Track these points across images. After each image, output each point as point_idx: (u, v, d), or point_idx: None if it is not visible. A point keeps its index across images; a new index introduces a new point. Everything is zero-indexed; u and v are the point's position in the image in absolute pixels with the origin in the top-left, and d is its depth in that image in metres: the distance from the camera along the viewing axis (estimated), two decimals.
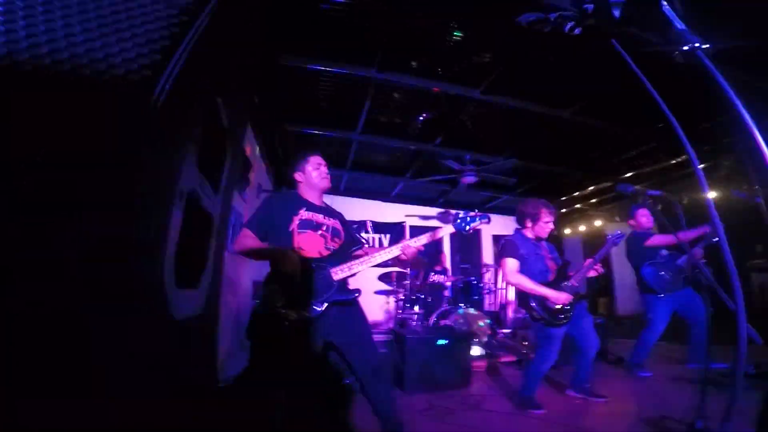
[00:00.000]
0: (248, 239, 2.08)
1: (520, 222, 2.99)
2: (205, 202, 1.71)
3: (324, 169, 2.24)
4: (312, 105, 4.20)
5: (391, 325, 5.64)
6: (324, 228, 2.17)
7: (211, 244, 1.88)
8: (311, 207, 2.21)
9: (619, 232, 2.88)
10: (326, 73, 3.57)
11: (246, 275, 4.57)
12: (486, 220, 2.09)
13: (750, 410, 2.28)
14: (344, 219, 2.36)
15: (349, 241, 2.23)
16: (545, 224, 2.88)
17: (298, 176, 2.25)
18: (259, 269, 5.53)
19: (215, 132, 1.89)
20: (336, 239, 2.19)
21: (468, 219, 2.06)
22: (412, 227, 7.40)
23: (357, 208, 6.70)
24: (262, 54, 3.08)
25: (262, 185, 5.04)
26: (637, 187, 2.48)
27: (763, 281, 6.31)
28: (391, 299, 5.57)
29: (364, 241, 2.35)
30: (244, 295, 4.46)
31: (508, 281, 2.84)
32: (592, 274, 2.79)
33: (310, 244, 2.08)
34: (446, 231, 2.11)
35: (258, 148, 4.54)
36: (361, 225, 6.41)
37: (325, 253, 2.09)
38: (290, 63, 3.42)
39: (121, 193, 0.92)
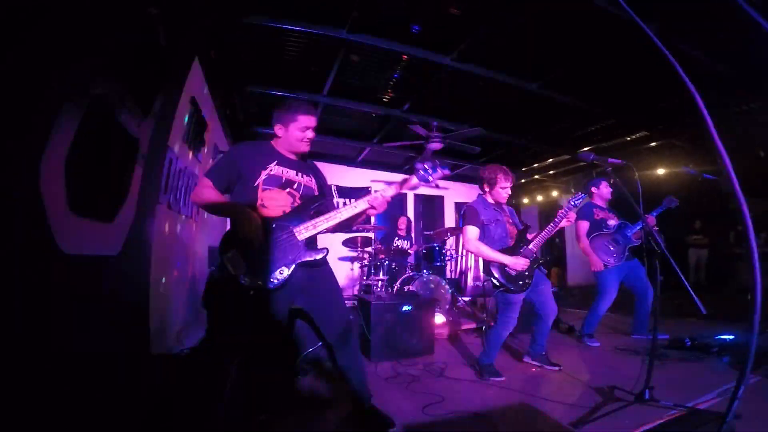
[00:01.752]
0: (207, 190, 1.87)
1: (481, 187, 3.00)
2: (126, 119, 1.42)
3: (310, 135, 1.99)
4: (276, 65, 3.90)
5: (355, 291, 5.67)
6: (294, 186, 1.98)
7: (134, 173, 1.60)
8: (284, 161, 1.99)
9: (580, 194, 2.89)
10: (293, 33, 3.29)
11: (201, 241, 4.35)
12: (447, 170, 1.99)
13: (688, 381, 2.53)
14: (320, 176, 2.17)
15: (321, 201, 2.04)
16: (502, 189, 2.89)
17: (277, 129, 2.00)
18: (215, 234, 5.30)
19: (146, 46, 1.59)
20: (310, 197, 2.01)
21: (429, 170, 1.95)
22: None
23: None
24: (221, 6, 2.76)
25: (219, 147, 4.73)
26: (599, 156, 2.53)
27: (698, 257, 6.94)
28: (356, 265, 5.56)
29: (335, 205, 2.19)
30: (199, 262, 4.27)
31: (468, 249, 2.87)
32: (564, 223, 2.77)
33: (275, 203, 1.91)
34: (411, 183, 2.00)
35: (215, 108, 4.20)
36: None
37: (289, 210, 1.92)
38: (254, 21, 3.11)
39: None
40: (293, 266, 1.82)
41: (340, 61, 3.71)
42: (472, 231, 2.81)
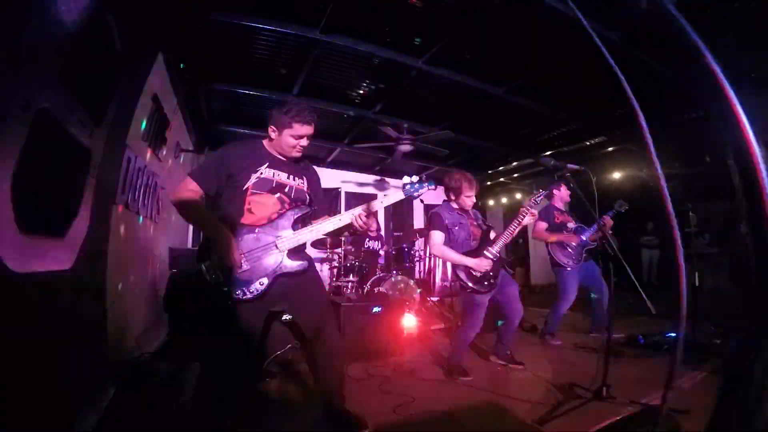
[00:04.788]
0: (188, 193, 1.78)
1: (446, 194, 3.06)
2: (76, 129, 1.36)
3: (304, 143, 1.93)
4: (244, 63, 3.80)
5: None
6: (285, 190, 1.92)
7: (86, 185, 1.54)
8: (275, 163, 1.92)
9: (541, 191, 2.97)
10: (263, 31, 3.22)
11: (162, 242, 4.18)
12: (433, 186, 2.04)
13: (642, 377, 2.68)
14: (314, 179, 2.11)
15: (311, 207, 2.00)
16: (467, 198, 2.96)
17: (271, 131, 1.92)
18: (176, 235, 5.10)
19: (100, 53, 1.52)
20: (298, 203, 1.95)
21: (417, 186, 1.99)
22: (347, 193, 7.33)
23: None
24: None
25: (182, 145, 4.55)
26: (559, 161, 2.65)
27: (650, 256, 7.38)
28: (325, 267, 5.51)
29: (326, 208, 2.14)
30: (160, 264, 4.10)
31: (434, 253, 2.95)
32: (528, 220, 2.85)
33: (262, 208, 1.85)
34: (397, 197, 2.00)
35: (178, 105, 4.03)
36: None
37: (275, 218, 1.86)
38: (221, 18, 3.02)
39: None
40: (274, 277, 1.79)
41: (312, 61, 3.67)
42: (437, 236, 2.87)
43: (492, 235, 2.94)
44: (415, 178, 2.00)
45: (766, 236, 0.55)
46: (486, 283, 2.80)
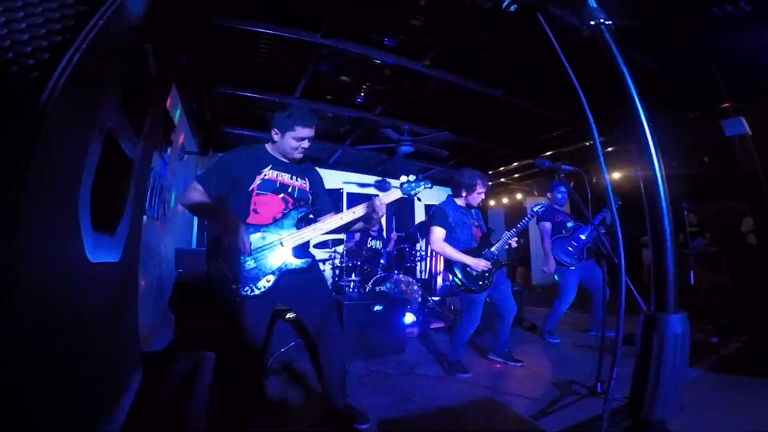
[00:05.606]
0: (196, 194, 1.88)
1: (455, 190, 3.11)
2: (125, 143, 1.57)
3: (305, 145, 2.00)
4: (248, 67, 3.88)
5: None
6: (288, 190, 2.01)
7: (129, 190, 1.75)
8: (278, 165, 2.01)
9: (541, 203, 3.12)
10: (266, 36, 3.29)
11: (167, 242, 4.25)
12: (429, 185, 2.11)
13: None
14: (316, 180, 2.19)
15: (314, 206, 2.09)
16: (478, 195, 3.04)
17: (274, 133, 2.00)
18: (181, 236, 5.18)
19: (141, 77, 1.72)
20: (301, 203, 2.03)
21: (413, 185, 2.06)
22: (349, 194, 7.39)
23: None
24: (195, 10, 2.77)
25: (186, 147, 4.62)
26: (554, 163, 2.73)
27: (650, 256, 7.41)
28: (328, 266, 5.57)
29: (332, 208, 2.20)
30: (166, 264, 4.17)
31: (434, 248, 2.99)
32: (513, 244, 3.00)
33: (267, 208, 1.94)
34: (395, 196, 2.07)
35: (183, 109, 4.11)
36: None
37: (279, 217, 1.94)
38: (225, 23, 3.09)
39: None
40: (279, 274, 1.86)
41: (313, 65, 3.74)
42: (439, 232, 2.92)
43: (492, 237, 3.02)
44: (411, 177, 2.07)
45: (661, 232, 0.73)
46: (480, 282, 2.86)
